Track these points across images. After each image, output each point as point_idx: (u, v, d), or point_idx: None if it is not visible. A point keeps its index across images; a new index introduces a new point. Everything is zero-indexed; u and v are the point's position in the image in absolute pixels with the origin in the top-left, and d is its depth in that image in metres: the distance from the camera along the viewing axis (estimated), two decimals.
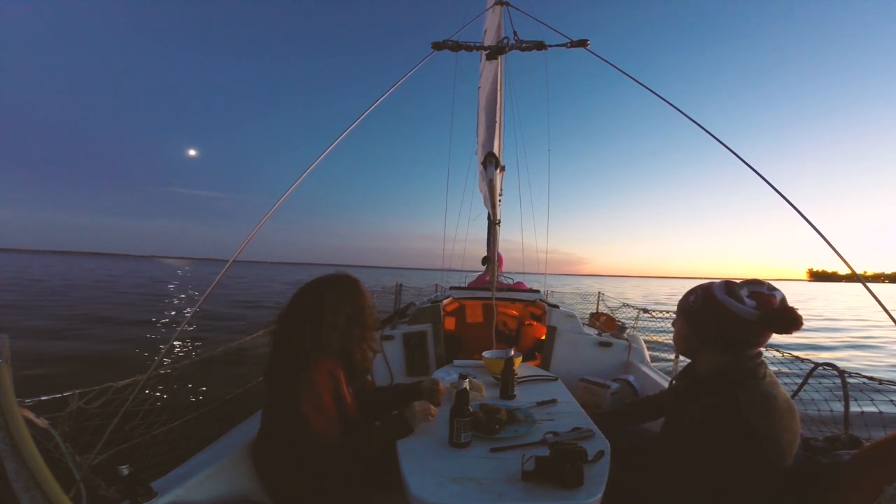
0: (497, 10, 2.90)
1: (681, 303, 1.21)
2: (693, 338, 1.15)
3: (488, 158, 1.79)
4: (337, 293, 1.35)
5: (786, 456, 0.98)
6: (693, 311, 1.14)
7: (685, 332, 1.17)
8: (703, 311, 1.11)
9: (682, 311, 1.19)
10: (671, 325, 1.28)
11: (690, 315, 1.15)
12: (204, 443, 1.40)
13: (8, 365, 0.81)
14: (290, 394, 1.19)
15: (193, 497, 1.10)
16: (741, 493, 0.99)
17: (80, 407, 1.14)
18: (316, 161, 1.50)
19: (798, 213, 1.29)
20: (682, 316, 1.19)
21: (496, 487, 0.99)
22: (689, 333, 1.16)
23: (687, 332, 1.17)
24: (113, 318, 9.17)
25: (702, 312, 1.11)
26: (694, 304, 1.14)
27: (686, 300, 1.18)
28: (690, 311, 1.15)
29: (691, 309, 1.15)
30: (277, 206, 1.40)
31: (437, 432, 1.30)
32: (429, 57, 2.06)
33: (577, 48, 2.15)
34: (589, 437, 1.26)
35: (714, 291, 1.10)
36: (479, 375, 1.94)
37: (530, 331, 3.43)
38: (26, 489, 0.77)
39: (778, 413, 0.99)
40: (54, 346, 6.19)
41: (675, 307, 1.29)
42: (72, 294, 14.32)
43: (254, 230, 1.30)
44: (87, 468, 0.99)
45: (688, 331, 1.16)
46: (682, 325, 1.18)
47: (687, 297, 1.19)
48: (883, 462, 0.91)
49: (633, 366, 2.64)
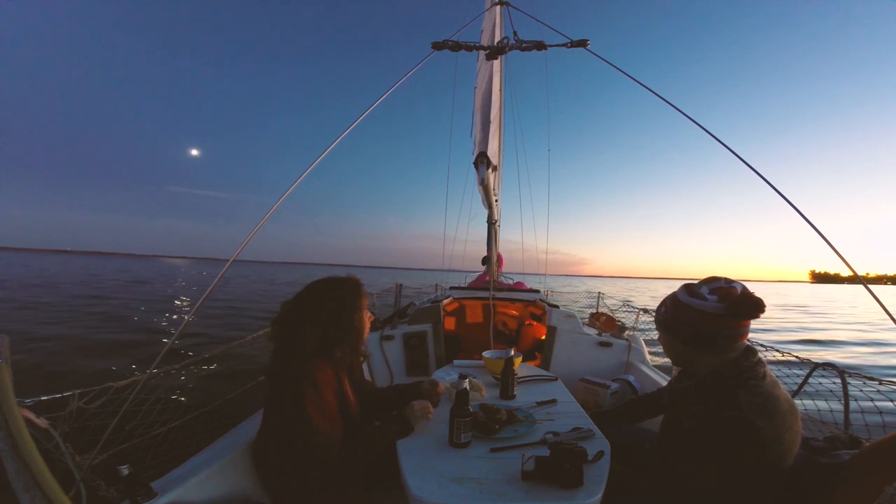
0: (497, 10, 2.90)
1: (656, 317, 1.24)
2: (679, 346, 1.16)
3: (479, 159, 1.78)
4: (339, 295, 1.35)
5: (788, 456, 0.98)
6: (668, 321, 1.17)
7: (670, 342, 1.19)
8: (675, 319, 1.14)
9: (659, 324, 1.22)
10: (657, 340, 1.30)
11: (667, 325, 1.18)
12: (204, 443, 1.40)
13: (8, 365, 0.81)
14: (292, 393, 1.19)
15: (193, 497, 1.10)
16: (743, 494, 0.99)
17: (80, 407, 1.14)
18: (316, 161, 1.50)
19: (799, 213, 1.29)
20: (660, 328, 1.21)
21: (496, 487, 0.99)
22: (673, 343, 1.18)
23: (671, 341, 1.19)
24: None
25: (675, 320, 1.14)
26: (666, 314, 1.18)
27: (659, 313, 1.22)
28: (665, 321, 1.18)
29: (666, 319, 1.18)
30: (277, 207, 1.40)
31: (437, 432, 1.30)
32: (429, 57, 2.07)
33: (577, 48, 2.15)
34: (589, 437, 1.26)
35: (678, 297, 1.14)
36: (479, 375, 1.94)
37: (530, 331, 3.43)
38: (26, 489, 0.77)
39: (780, 414, 0.99)
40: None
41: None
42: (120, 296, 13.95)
43: (254, 230, 1.30)
44: (87, 468, 0.99)
45: (671, 340, 1.18)
46: (664, 337, 1.21)
47: (659, 309, 1.23)
48: (883, 462, 0.91)
49: (633, 366, 2.64)
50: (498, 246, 3.84)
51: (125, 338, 7.02)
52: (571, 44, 2.18)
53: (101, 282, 20.11)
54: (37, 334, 6.80)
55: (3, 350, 0.81)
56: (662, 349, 1.26)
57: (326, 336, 1.28)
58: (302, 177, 1.46)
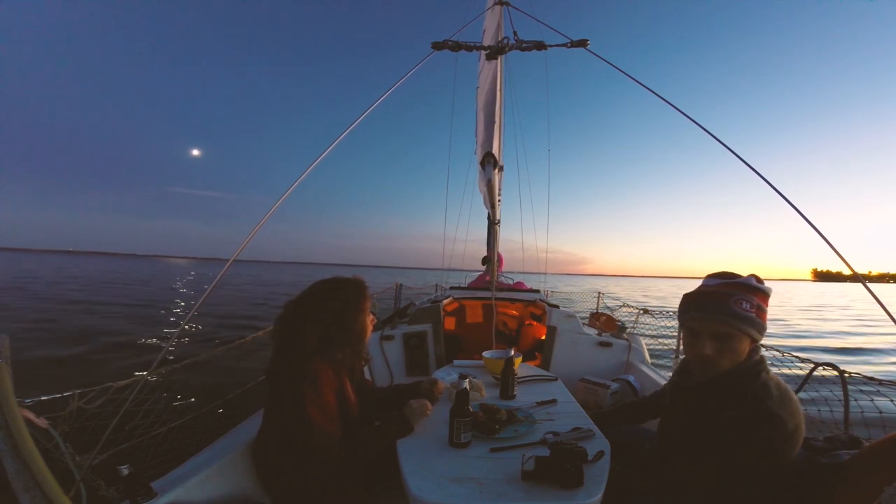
0: (497, 10, 2.90)
1: (736, 315, 1.02)
2: (749, 341, 1.04)
3: (486, 158, 1.79)
4: (343, 296, 1.36)
5: (797, 448, 1.00)
6: (755, 317, 1.02)
7: (746, 344, 1.04)
8: (761, 310, 1.03)
9: (744, 322, 1.02)
10: (707, 350, 1.05)
11: (755, 321, 1.02)
12: (204, 443, 1.40)
13: (8, 365, 0.81)
14: (293, 392, 1.19)
15: (193, 497, 1.10)
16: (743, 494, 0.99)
17: (80, 407, 1.14)
18: (316, 161, 1.50)
19: (797, 211, 1.29)
20: (747, 327, 1.02)
21: (496, 487, 0.99)
22: (749, 343, 1.04)
23: (748, 342, 1.04)
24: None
25: (761, 311, 1.03)
26: (750, 309, 1.02)
27: (739, 309, 1.01)
28: (753, 317, 1.02)
29: (752, 315, 1.02)
30: (277, 207, 1.40)
31: (436, 432, 1.30)
32: (429, 57, 2.07)
33: (577, 48, 2.15)
34: (589, 437, 1.26)
35: (759, 287, 1.04)
36: (479, 375, 1.94)
37: (530, 331, 3.43)
38: (26, 489, 0.77)
39: (794, 403, 1.01)
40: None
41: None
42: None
43: (254, 230, 1.30)
44: (87, 468, 0.98)
45: (749, 340, 1.04)
46: (743, 338, 1.03)
47: (735, 306, 1.02)
48: (883, 462, 0.91)
49: (633, 366, 2.64)
50: (498, 246, 3.84)
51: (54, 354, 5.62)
52: (571, 44, 2.17)
53: (86, 283, 18.95)
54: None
55: (3, 350, 0.81)
56: (709, 357, 1.04)
57: (327, 335, 1.28)
58: (302, 177, 1.46)
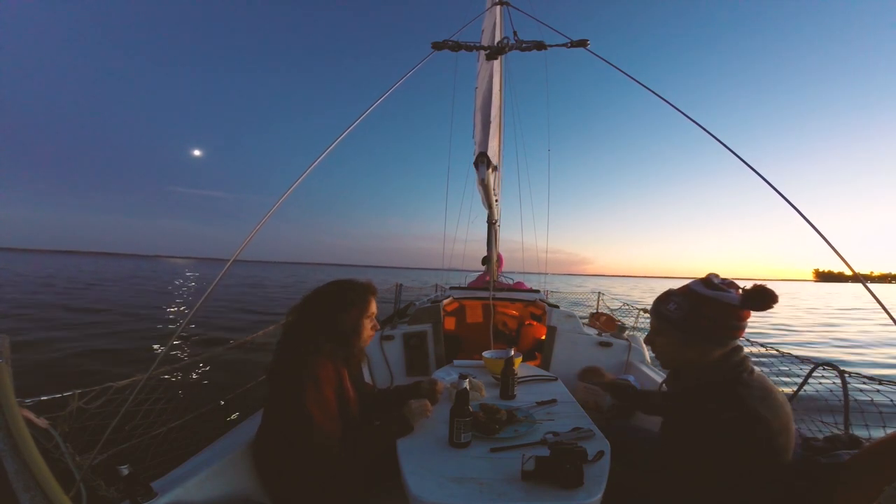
0: (497, 10, 2.90)
1: (660, 314, 1.17)
2: (683, 345, 1.12)
3: (479, 159, 1.79)
4: (350, 297, 1.38)
5: (790, 448, 1.00)
6: (679, 318, 1.11)
7: (674, 341, 1.14)
8: (693, 313, 1.09)
9: (666, 321, 1.15)
10: (646, 342, 1.23)
11: (677, 322, 1.12)
12: (204, 443, 1.40)
13: (8, 365, 0.81)
14: (293, 389, 1.19)
15: (193, 497, 1.10)
16: (743, 494, 0.99)
17: (79, 407, 1.14)
18: (316, 161, 1.49)
19: (797, 211, 1.29)
20: (667, 326, 1.15)
21: (496, 487, 0.99)
22: (678, 341, 1.13)
23: (674, 339, 1.14)
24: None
25: (693, 314, 1.09)
26: (678, 310, 1.12)
27: (664, 309, 1.15)
28: (675, 318, 1.12)
29: (676, 316, 1.12)
30: (277, 207, 1.40)
31: (436, 432, 1.30)
32: (429, 57, 2.06)
33: (577, 48, 2.15)
34: (589, 437, 1.26)
35: (697, 291, 1.10)
36: (479, 375, 1.94)
37: (530, 331, 3.43)
38: (26, 489, 0.77)
39: (779, 403, 1.01)
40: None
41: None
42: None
43: (254, 230, 1.30)
44: (87, 468, 0.98)
45: (677, 339, 1.13)
46: (669, 336, 1.15)
47: (664, 305, 1.16)
48: (883, 462, 0.91)
49: (633, 366, 2.63)
50: (498, 246, 3.84)
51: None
52: (571, 44, 2.17)
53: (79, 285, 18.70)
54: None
55: (4, 350, 0.81)
56: (655, 349, 1.20)
57: (323, 331, 1.31)
58: (302, 177, 1.46)
